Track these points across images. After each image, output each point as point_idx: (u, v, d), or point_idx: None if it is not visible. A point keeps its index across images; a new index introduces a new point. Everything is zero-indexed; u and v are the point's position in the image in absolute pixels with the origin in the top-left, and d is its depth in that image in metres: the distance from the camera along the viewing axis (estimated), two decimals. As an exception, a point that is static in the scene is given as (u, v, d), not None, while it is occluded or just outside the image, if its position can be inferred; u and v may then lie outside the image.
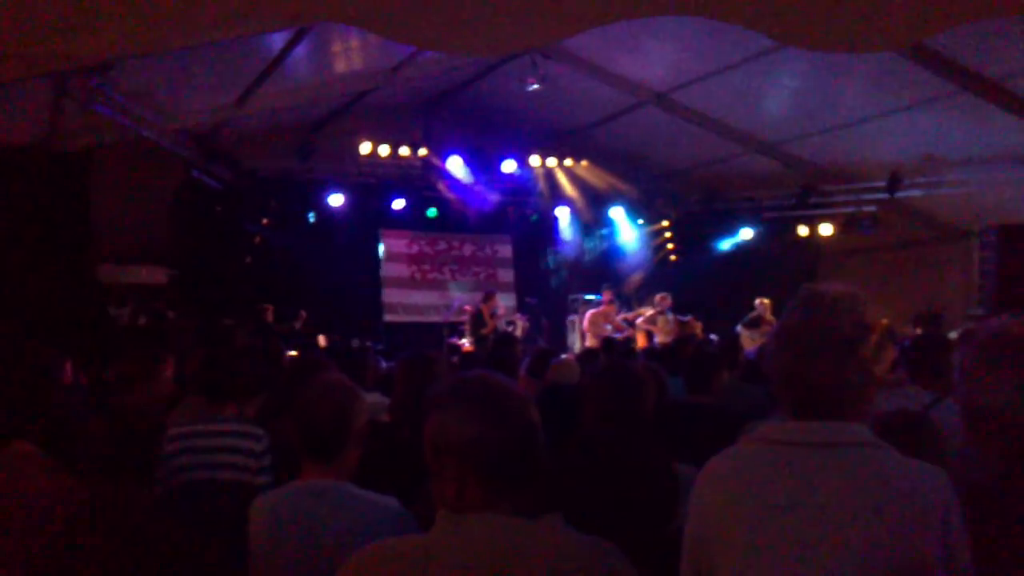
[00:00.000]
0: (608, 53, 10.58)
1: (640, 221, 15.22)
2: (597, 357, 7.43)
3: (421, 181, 13.53)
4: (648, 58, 10.51)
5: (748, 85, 10.32)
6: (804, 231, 13.33)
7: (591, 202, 14.79)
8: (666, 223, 15.19)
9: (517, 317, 13.67)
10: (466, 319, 12.72)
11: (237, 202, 12.31)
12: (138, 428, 3.35)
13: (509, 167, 13.28)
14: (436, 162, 13.10)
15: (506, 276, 15.60)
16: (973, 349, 1.93)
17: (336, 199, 12.82)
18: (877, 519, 1.52)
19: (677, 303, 12.44)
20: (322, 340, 12.08)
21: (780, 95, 10.82)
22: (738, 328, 11.92)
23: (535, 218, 15.08)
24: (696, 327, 12.10)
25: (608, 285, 13.22)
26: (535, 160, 13.44)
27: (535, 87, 10.60)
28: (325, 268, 12.98)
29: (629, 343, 10.80)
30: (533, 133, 13.31)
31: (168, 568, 1.76)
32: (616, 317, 12.76)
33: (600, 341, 10.82)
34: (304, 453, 2.44)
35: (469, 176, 13.45)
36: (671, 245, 15.24)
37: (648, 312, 12.71)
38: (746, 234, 13.92)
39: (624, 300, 13.94)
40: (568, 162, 13.64)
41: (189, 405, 3.75)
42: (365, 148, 12.40)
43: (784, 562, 1.55)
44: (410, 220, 14.18)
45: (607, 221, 15.40)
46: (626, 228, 15.33)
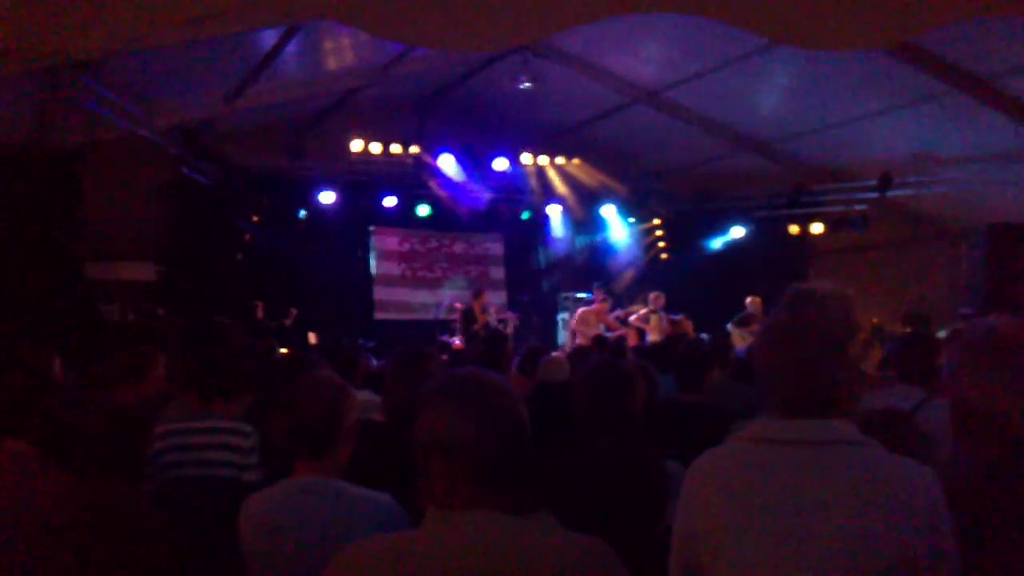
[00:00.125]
0: (600, 51, 10.58)
1: (631, 219, 15.24)
2: (588, 355, 7.42)
3: (412, 179, 13.49)
4: (640, 57, 10.52)
5: (740, 84, 10.34)
6: (795, 230, 13.38)
7: (582, 200, 14.79)
8: (657, 221, 15.23)
9: (508, 315, 13.67)
10: (457, 317, 12.71)
11: (228, 199, 12.24)
12: (130, 426, 3.34)
13: (501, 165, 13.27)
14: (428, 160, 13.07)
15: (497, 274, 15.60)
16: (962, 348, 1.94)
17: (327, 196, 12.78)
18: (865, 516, 1.53)
19: (668, 302, 12.45)
20: (313, 338, 12.06)
21: (771, 94, 10.85)
22: (729, 327, 11.93)
23: (527, 216, 15.09)
24: (687, 326, 12.11)
25: (599, 284, 13.21)
26: (527, 158, 13.45)
27: (527, 85, 10.61)
28: (316, 266, 12.94)
29: (622, 342, 10.80)
30: (525, 131, 13.30)
31: (162, 566, 1.76)
32: (609, 316, 12.75)
33: (592, 339, 10.80)
34: (295, 450, 2.44)
35: (461, 174, 13.44)
36: (662, 244, 15.27)
37: (642, 311, 12.71)
38: (737, 233, 13.96)
39: (615, 298, 13.94)
40: (560, 160, 13.65)
41: (179, 402, 3.74)
42: (356, 145, 12.35)
43: (772, 559, 1.56)
44: (401, 218, 14.14)
45: (598, 219, 15.40)
46: (617, 226, 15.34)
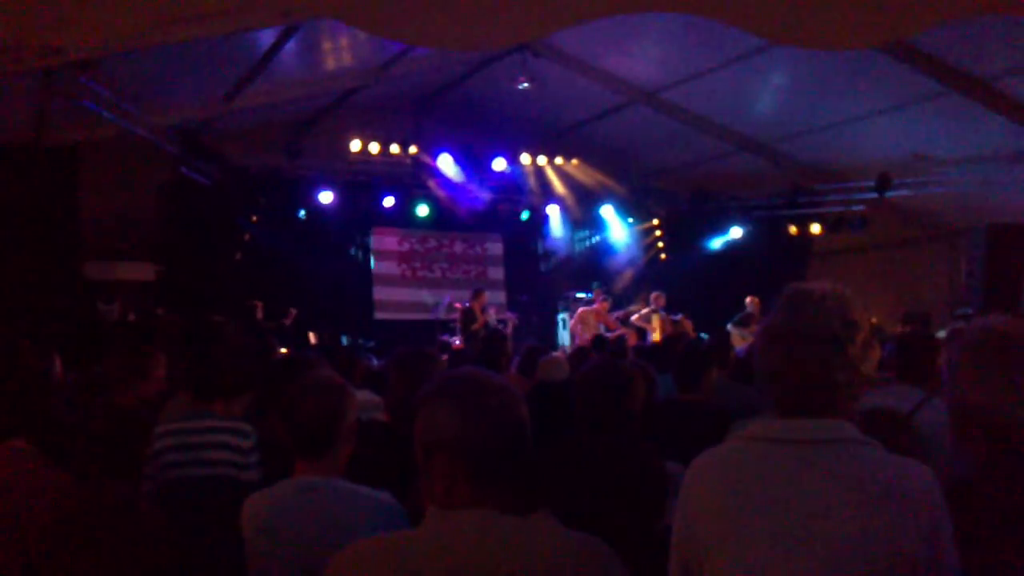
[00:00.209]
0: (598, 52, 10.59)
1: (630, 219, 15.25)
2: (588, 355, 7.42)
3: (411, 179, 13.51)
4: (638, 57, 10.53)
5: (738, 84, 10.35)
6: (794, 230, 13.38)
7: (581, 200, 14.80)
8: (656, 221, 15.25)
9: (508, 315, 13.66)
10: (457, 317, 12.70)
11: (226, 199, 12.24)
12: (130, 426, 3.35)
13: (499, 165, 13.29)
14: (426, 160, 13.09)
15: (496, 274, 15.60)
16: (960, 348, 1.94)
17: (326, 196, 12.78)
18: (864, 515, 1.53)
19: (667, 302, 12.46)
20: (312, 337, 12.06)
21: (770, 94, 10.85)
22: (728, 326, 11.94)
23: (526, 216, 15.09)
24: (687, 326, 12.11)
25: (598, 284, 13.22)
26: (525, 158, 13.46)
27: (525, 85, 10.62)
28: (315, 265, 12.94)
29: (622, 341, 10.81)
30: (523, 131, 13.31)
31: (162, 566, 1.76)
32: (609, 315, 12.76)
33: (591, 339, 10.80)
34: (295, 450, 2.45)
35: (460, 174, 13.44)
36: (661, 243, 15.28)
37: (643, 310, 12.72)
38: (736, 233, 13.97)
39: (614, 298, 13.95)
40: (558, 160, 13.66)
41: (178, 402, 3.74)
42: (355, 145, 12.36)
43: (772, 558, 1.56)
44: (400, 218, 14.15)
45: (597, 219, 15.41)
46: (616, 226, 15.36)
